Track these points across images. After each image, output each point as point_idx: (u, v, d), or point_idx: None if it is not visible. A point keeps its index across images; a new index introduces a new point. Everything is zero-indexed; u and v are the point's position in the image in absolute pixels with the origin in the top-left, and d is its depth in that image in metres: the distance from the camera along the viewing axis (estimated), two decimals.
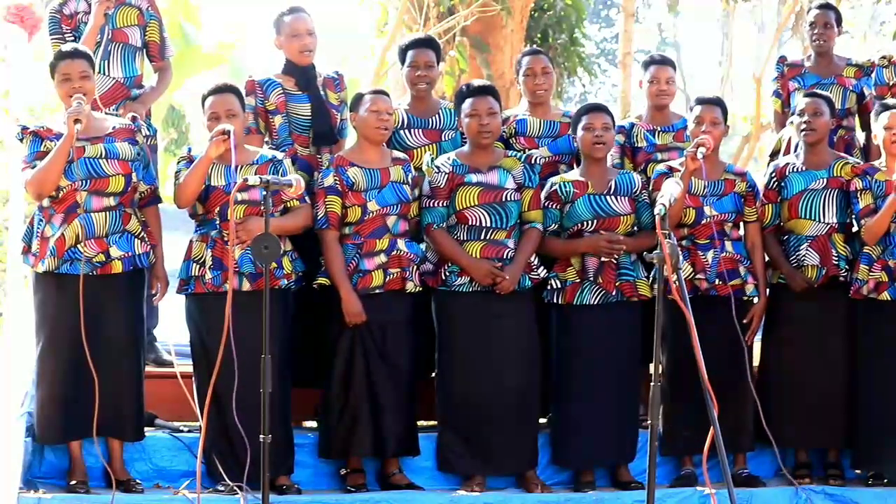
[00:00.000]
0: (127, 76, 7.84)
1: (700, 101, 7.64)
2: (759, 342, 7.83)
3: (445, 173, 7.36)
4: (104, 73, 7.71)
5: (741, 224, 7.68)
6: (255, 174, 6.75)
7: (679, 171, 7.39)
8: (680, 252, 5.98)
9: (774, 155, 8.24)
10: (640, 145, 7.97)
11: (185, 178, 6.99)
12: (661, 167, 7.58)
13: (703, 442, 5.84)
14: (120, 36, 7.84)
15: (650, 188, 7.49)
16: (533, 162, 7.50)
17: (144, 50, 7.96)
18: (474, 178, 7.35)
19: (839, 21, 8.45)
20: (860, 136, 8.53)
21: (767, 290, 7.64)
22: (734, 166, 7.91)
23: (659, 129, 7.99)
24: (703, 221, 7.52)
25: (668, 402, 7.51)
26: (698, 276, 7.48)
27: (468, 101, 7.37)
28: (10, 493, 6.74)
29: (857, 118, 8.43)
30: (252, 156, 7.11)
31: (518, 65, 7.97)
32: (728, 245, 7.56)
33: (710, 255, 7.51)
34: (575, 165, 7.82)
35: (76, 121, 6.72)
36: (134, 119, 7.22)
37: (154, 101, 8.07)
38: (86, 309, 6.76)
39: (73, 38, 7.72)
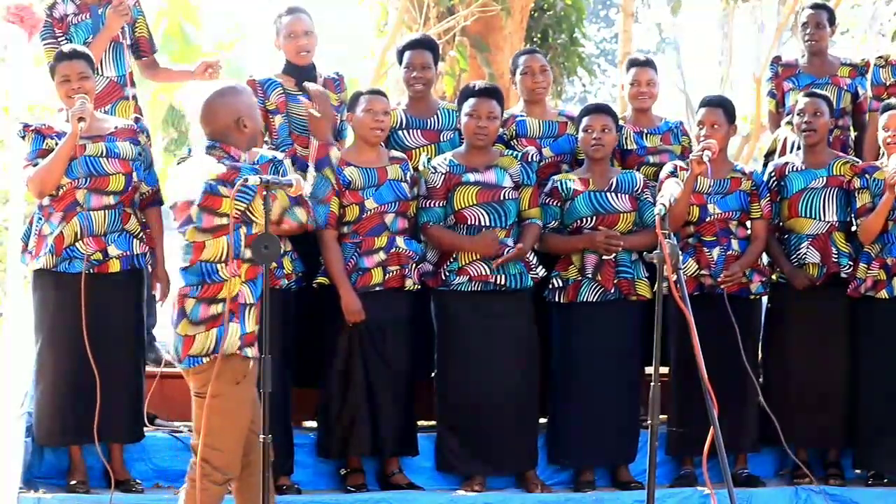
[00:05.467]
0: (120, 74, 7.84)
1: (702, 104, 7.66)
2: (760, 342, 7.82)
3: (442, 173, 7.36)
4: (98, 73, 7.71)
5: (748, 223, 7.68)
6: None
7: (687, 170, 7.39)
8: (680, 252, 5.97)
9: (770, 155, 8.25)
10: (629, 147, 7.97)
11: None
12: (668, 167, 7.59)
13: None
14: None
15: (658, 188, 7.47)
16: (529, 160, 7.50)
17: (132, 47, 7.96)
18: (472, 177, 7.36)
19: (832, 21, 8.44)
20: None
21: (762, 280, 7.60)
22: (741, 165, 7.92)
23: (646, 131, 8.00)
24: (707, 219, 7.53)
25: (673, 401, 7.53)
26: (703, 272, 7.48)
27: (470, 101, 7.37)
28: (10, 493, 6.74)
29: (851, 118, 8.41)
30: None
31: (514, 64, 7.97)
32: (734, 243, 7.56)
33: (716, 252, 7.51)
34: (575, 165, 7.83)
35: (80, 119, 6.72)
36: (137, 120, 7.23)
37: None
38: (85, 308, 6.76)
39: (65, 41, 7.71)
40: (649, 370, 6.05)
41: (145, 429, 7.23)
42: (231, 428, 5.85)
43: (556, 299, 7.48)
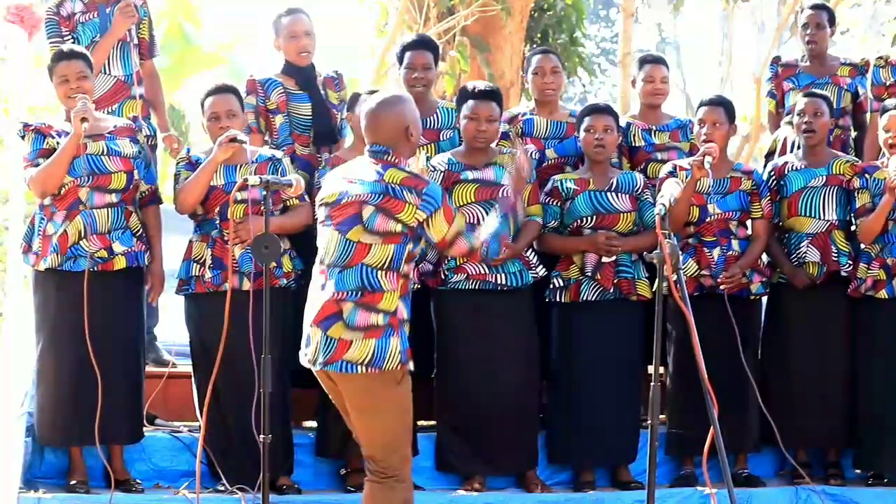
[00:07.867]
0: (127, 73, 7.83)
1: (703, 103, 7.65)
2: (760, 342, 7.82)
3: (441, 172, 7.36)
4: (105, 73, 7.71)
5: (748, 223, 7.68)
6: (255, 174, 6.75)
7: (687, 169, 7.39)
8: (680, 252, 5.97)
9: (770, 155, 8.25)
10: (637, 144, 7.97)
11: (189, 185, 6.95)
12: (667, 167, 7.59)
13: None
14: None
15: (657, 187, 7.46)
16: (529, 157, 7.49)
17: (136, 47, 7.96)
18: (470, 175, 7.35)
19: (832, 21, 8.45)
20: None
21: (762, 280, 7.60)
22: (742, 165, 7.92)
23: (655, 128, 8.00)
24: (707, 219, 7.53)
25: (673, 401, 7.53)
26: (703, 272, 7.48)
27: (470, 103, 7.36)
28: (10, 493, 6.74)
29: (851, 117, 8.42)
30: (251, 155, 7.11)
31: (527, 63, 7.97)
32: (734, 243, 7.56)
33: (716, 252, 7.51)
34: (580, 167, 7.83)
35: (83, 119, 6.72)
36: (135, 119, 7.23)
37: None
38: (88, 306, 6.76)
39: (72, 40, 7.71)
40: (652, 370, 6.04)
41: (145, 429, 7.23)
42: (401, 426, 5.88)
43: (557, 299, 7.48)
